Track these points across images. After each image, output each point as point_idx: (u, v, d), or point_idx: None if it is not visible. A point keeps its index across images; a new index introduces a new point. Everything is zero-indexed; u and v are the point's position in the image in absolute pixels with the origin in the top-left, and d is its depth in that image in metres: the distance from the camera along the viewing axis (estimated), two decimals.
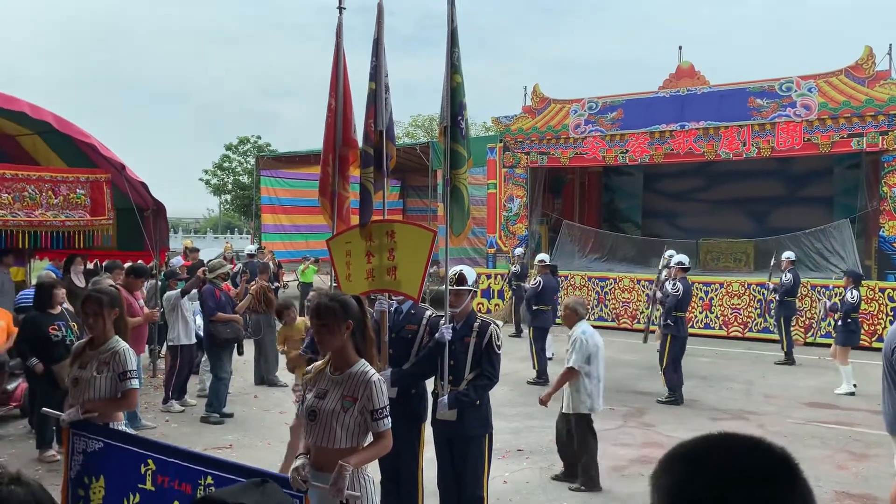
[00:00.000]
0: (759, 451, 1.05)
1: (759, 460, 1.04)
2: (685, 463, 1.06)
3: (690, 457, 1.07)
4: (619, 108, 16.60)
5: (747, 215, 19.72)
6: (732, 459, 1.04)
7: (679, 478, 1.05)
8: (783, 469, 1.04)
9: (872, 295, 13.67)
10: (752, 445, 1.07)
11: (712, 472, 1.03)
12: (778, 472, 1.03)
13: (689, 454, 1.08)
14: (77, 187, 9.34)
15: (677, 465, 1.07)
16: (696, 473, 1.04)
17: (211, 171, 43.94)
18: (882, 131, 13.84)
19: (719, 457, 1.05)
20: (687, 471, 1.05)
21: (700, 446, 1.08)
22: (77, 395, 4.12)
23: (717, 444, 1.08)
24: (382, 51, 5.32)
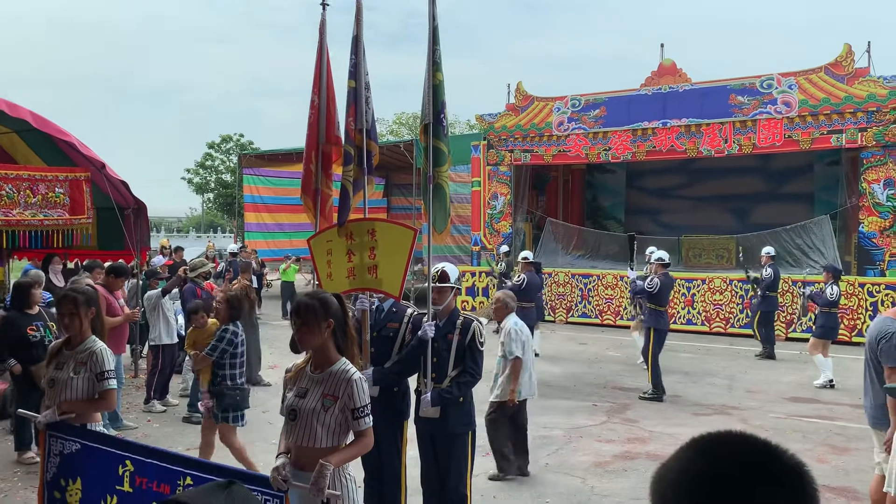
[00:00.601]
0: (776, 453, 1.07)
1: (776, 461, 1.05)
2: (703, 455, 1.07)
3: (707, 450, 1.08)
4: (602, 106, 16.65)
5: (729, 212, 19.88)
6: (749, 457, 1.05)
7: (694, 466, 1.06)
8: (796, 472, 1.05)
9: (852, 290, 13.80)
10: (767, 446, 1.08)
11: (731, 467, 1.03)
12: (792, 474, 1.05)
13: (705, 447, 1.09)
14: (56, 186, 9.23)
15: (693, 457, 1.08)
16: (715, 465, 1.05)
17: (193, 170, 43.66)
18: (861, 128, 13.97)
19: (736, 452, 1.06)
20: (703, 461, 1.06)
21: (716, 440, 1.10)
22: (53, 396, 4.06)
23: (731, 439, 1.10)
24: (362, 48, 5.29)
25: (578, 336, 14.81)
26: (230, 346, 5.98)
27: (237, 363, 6.05)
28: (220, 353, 5.93)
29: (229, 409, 5.92)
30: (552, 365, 11.58)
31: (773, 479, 1.02)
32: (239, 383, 6.02)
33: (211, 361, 5.89)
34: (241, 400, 6.02)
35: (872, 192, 13.98)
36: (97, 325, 4.28)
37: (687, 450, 1.10)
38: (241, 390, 6.04)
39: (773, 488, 1.01)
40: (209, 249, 20.11)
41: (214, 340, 5.98)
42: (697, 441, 1.11)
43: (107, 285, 7.93)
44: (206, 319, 6.87)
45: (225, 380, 5.94)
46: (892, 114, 13.68)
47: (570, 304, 16.86)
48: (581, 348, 13.40)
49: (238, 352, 6.05)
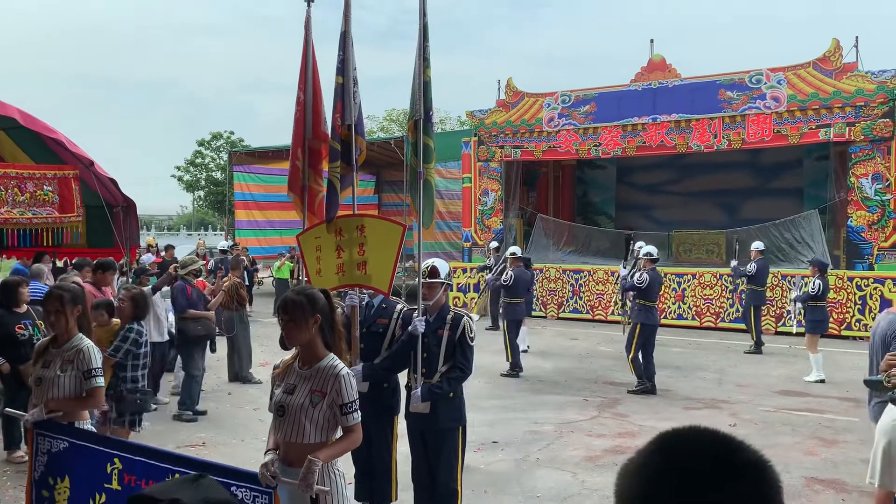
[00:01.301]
0: (740, 448, 1.06)
1: (741, 456, 1.04)
2: (669, 451, 1.07)
3: (673, 446, 1.08)
4: (592, 102, 16.67)
5: (719, 207, 19.95)
6: (716, 452, 1.04)
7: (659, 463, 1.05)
8: (759, 465, 1.04)
9: (841, 284, 13.88)
10: (732, 442, 1.07)
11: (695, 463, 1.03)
12: (755, 468, 1.04)
13: (671, 442, 1.08)
14: (44, 184, 9.18)
15: (659, 453, 1.07)
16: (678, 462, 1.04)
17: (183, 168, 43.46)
18: (849, 122, 14.04)
19: (701, 448, 1.05)
20: (668, 458, 1.05)
21: (683, 436, 1.09)
22: (40, 394, 4.04)
23: (698, 436, 1.09)
24: (350, 44, 5.29)
25: (569, 331, 14.84)
26: (134, 346, 5.65)
27: (140, 364, 5.71)
28: (124, 354, 5.60)
29: (126, 412, 5.58)
30: (543, 360, 11.61)
31: (736, 474, 1.02)
32: (140, 386, 5.68)
33: (113, 363, 5.56)
34: (143, 404, 5.68)
35: (861, 186, 14.05)
36: (84, 323, 4.26)
37: (650, 446, 1.09)
38: (143, 393, 5.71)
39: (735, 483, 1.01)
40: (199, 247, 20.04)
41: (118, 340, 5.64)
42: (660, 437, 1.10)
43: (95, 282, 7.88)
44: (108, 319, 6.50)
45: (126, 382, 5.59)
46: (879, 108, 13.76)
47: (561, 300, 16.90)
48: (572, 343, 13.43)
49: (141, 352, 5.71)
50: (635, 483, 1.06)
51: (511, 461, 6.56)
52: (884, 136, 13.73)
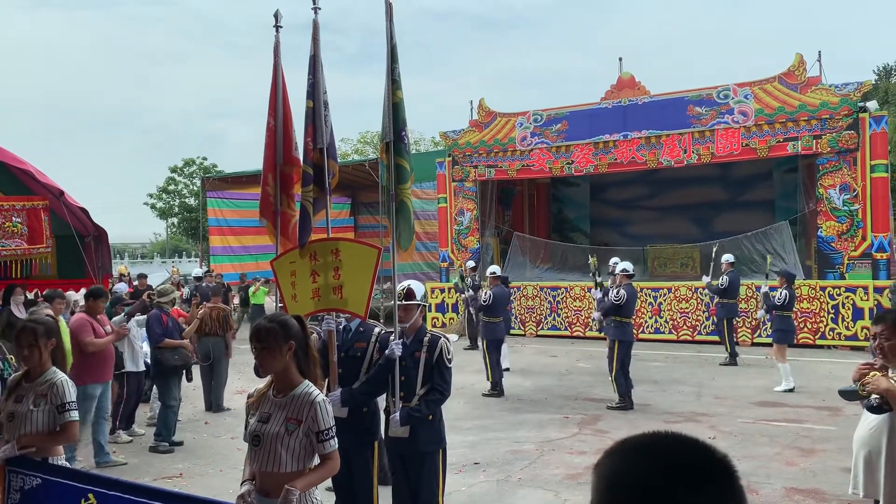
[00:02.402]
0: (705, 452, 1.08)
1: (704, 460, 1.07)
2: (634, 454, 1.09)
3: (638, 449, 1.10)
4: (564, 120, 16.84)
5: (692, 221, 20.18)
6: (678, 456, 1.07)
7: (625, 467, 1.07)
8: (725, 471, 1.07)
9: (814, 294, 14.07)
10: (697, 446, 1.10)
11: (659, 467, 1.05)
12: (721, 473, 1.06)
13: (637, 447, 1.11)
14: (13, 215, 9.04)
15: (624, 456, 1.10)
16: (642, 466, 1.06)
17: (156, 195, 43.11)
18: (815, 135, 14.30)
19: (665, 452, 1.08)
20: (633, 462, 1.07)
21: (647, 441, 1.12)
22: (13, 430, 3.96)
23: (662, 440, 1.11)
24: (320, 68, 5.30)
25: (548, 349, 14.86)
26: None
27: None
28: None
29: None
30: (523, 378, 11.60)
31: (701, 478, 1.04)
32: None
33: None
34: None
35: (829, 197, 14.30)
36: (58, 357, 4.20)
37: (614, 453, 1.12)
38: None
39: (700, 486, 1.03)
40: (174, 274, 19.84)
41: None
42: (623, 444, 1.13)
43: (89, 310, 7.75)
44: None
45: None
46: (844, 120, 14.05)
47: (539, 318, 16.94)
48: (551, 360, 13.45)
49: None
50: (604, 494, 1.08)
51: (492, 482, 6.53)
52: (849, 148, 14.00)
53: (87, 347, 7.43)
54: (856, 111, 13.99)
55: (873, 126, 13.89)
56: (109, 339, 7.53)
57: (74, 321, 7.78)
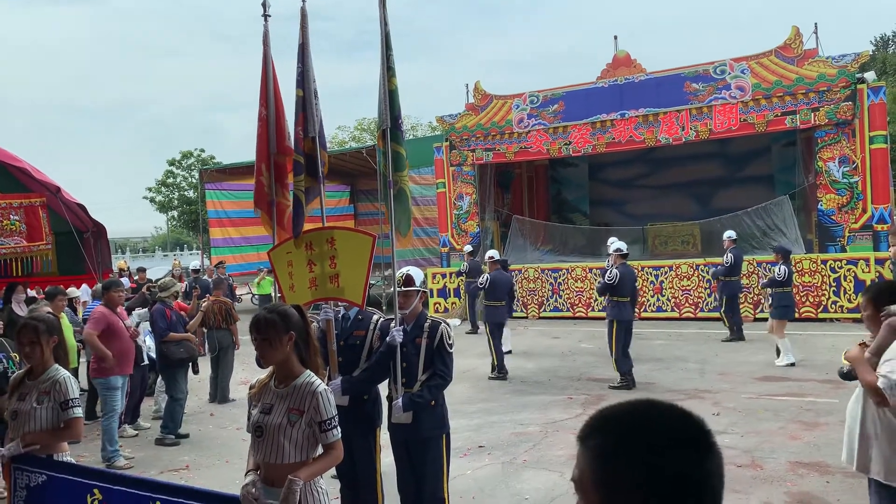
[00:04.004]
0: (686, 418, 1.13)
1: (686, 427, 1.12)
2: (617, 425, 1.13)
3: (621, 420, 1.14)
4: (560, 101, 16.77)
5: (692, 198, 20.14)
6: (662, 423, 1.12)
7: (612, 438, 1.11)
8: (706, 436, 1.12)
9: (815, 267, 14.06)
10: (678, 413, 1.14)
11: (645, 434, 1.10)
12: (702, 439, 1.11)
13: (620, 417, 1.15)
14: (10, 213, 9.05)
15: (610, 427, 1.13)
16: (627, 435, 1.10)
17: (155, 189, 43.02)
18: (813, 108, 14.23)
19: (650, 420, 1.12)
20: (619, 432, 1.11)
21: (629, 410, 1.16)
22: (17, 428, 3.97)
23: (645, 408, 1.16)
24: (309, 56, 5.26)
25: (551, 330, 14.88)
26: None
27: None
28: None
29: None
30: (526, 361, 11.63)
31: (695, 445, 1.09)
32: None
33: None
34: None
35: (828, 170, 14.25)
36: (60, 354, 4.20)
37: (601, 428, 1.15)
38: None
39: (693, 455, 1.08)
40: (175, 267, 19.85)
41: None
42: (607, 417, 1.16)
43: (107, 303, 7.71)
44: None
45: None
46: (842, 92, 13.97)
47: (541, 299, 16.95)
48: (554, 342, 13.47)
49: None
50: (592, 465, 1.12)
51: (498, 465, 6.55)
52: (847, 119, 13.94)
53: (87, 337, 7.41)
54: (854, 83, 13.92)
55: (871, 97, 13.82)
56: (104, 352, 7.39)
57: (91, 313, 7.75)
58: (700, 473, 1.08)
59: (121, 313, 7.83)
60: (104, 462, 7.22)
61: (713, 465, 1.11)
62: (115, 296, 7.84)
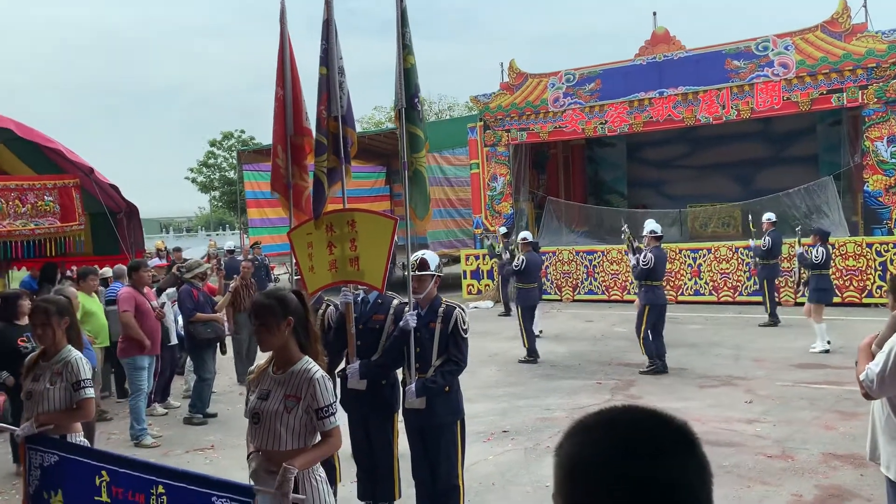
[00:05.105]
0: (661, 423, 1.08)
1: (660, 432, 1.06)
2: (588, 433, 1.08)
3: (592, 428, 1.09)
4: (597, 79, 16.42)
5: (733, 179, 19.65)
6: (634, 430, 1.06)
7: (580, 448, 1.06)
8: (683, 441, 1.06)
9: (860, 251, 13.60)
10: (653, 417, 1.09)
11: (614, 442, 1.04)
12: (678, 444, 1.05)
13: (591, 425, 1.10)
14: (45, 194, 9.18)
15: (580, 436, 1.08)
16: (598, 443, 1.05)
17: (196, 169, 43.63)
18: (861, 86, 13.69)
19: (621, 427, 1.07)
20: (588, 441, 1.07)
21: (603, 418, 1.11)
22: (31, 408, 4.02)
23: (619, 415, 1.10)
24: (334, 33, 5.16)
25: (584, 314, 14.69)
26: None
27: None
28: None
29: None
30: (556, 344, 11.49)
31: (658, 451, 1.03)
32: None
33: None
34: None
35: (876, 149, 13.73)
36: (73, 335, 4.22)
37: (572, 434, 1.10)
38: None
39: (656, 459, 1.02)
40: (211, 248, 20.08)
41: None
42: (580, 423, 1.11)
43: (135, 284, 7.78)
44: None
45: None
46: (892, 69, 13.40)
47: (575, 282, 16.73)
48: (586, 326, 13.29)
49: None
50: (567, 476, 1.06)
51: (521, 450, 6.47)
52: None
53: (122, 318, 7.50)
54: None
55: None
56: (139, 334, 7.45)
57: (119, 294, 7.84)
58: (667, 483, 1.01)
59: (148, 293, 7.90)
60: (132, 440, 7.33)
61: (687, 475, 1.03)
62: (145, 275, 7.92)
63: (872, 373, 3.25)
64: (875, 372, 3.24)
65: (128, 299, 7.53)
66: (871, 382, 3.24)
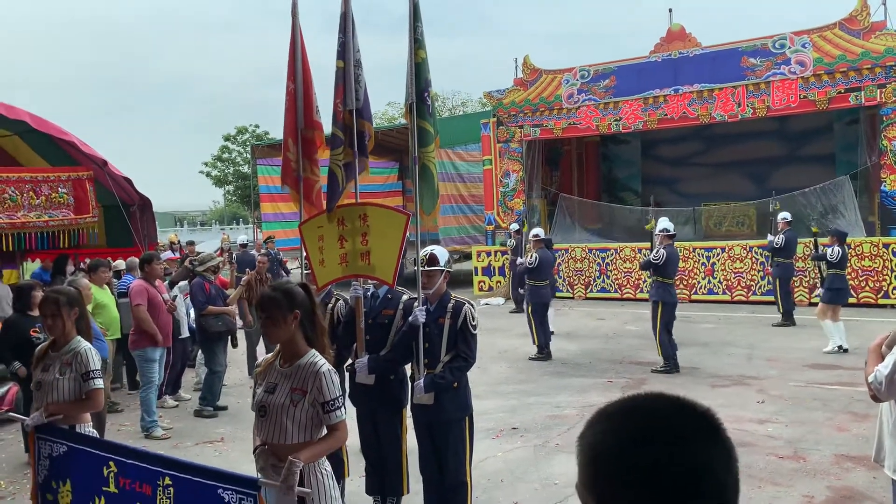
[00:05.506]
0: (682, 409, 1.07)
1: (680, 418, 1.05)
2: (608, 421, 1.07)
3: (613, 416, 1.08)
4: (612, 76, 16.33)
5: (748, 177, 19.49)
6: (654, 417, 1.05)
7: (601, 436, 1.06)
8: (705, 427, 1.05)
9: (876, 251, 13.46)
10: (674, 404, 1.08)
11: (633, 429, 1.04)
12: (699, 430, 1.04)
13: (612, 413, 1.08)
14: (59, 186, 9.25)
15: (601, 425, 1.07)
16: (618, 431, 1.05)
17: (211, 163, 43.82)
18: (879, 84, 13.53)
19: (641, 415, 1.06)
20: (609, 429, 1.06)
21: (624, 405, 1.10)
22: (41, 398, 4.04)
23: (640, 403, 1.09)
24: (351, 26, 5.13)
25: (597, 311, 14.63)
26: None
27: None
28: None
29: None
30: (568, 342, 11.44)
31: (681, 438, 1.02)
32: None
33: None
34: None
35: (894, 149, 13.57)
36: (82, 326, 4.23)
37: (595, 423, 1.09)
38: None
39: (681, 446, 1.01)
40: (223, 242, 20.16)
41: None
42: (603, 412, 1.10)
43: (146, 277, 7.82)
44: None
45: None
46: None
47: (588, 280, 16.66)
48: (598, 324, 13.23)
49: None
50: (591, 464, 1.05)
51: (530, 447, 6.44)
52: None
53: (136, 312, 7.54)
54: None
55: None
56: (153, 328, 7.49)
57: (131, 287, 7.88)
58: (691, 470, 1.00)
59: (159, 286, 7.92)
60: (143, 432, 7.37)
61: (712, 462, 1.02)
62: (157, 268, 7.95)
63: (881, 374, 3.21)
64: (884, 374, 3.19)
65: (140, 293, 7.57)
66: (880, 384, 3.20)
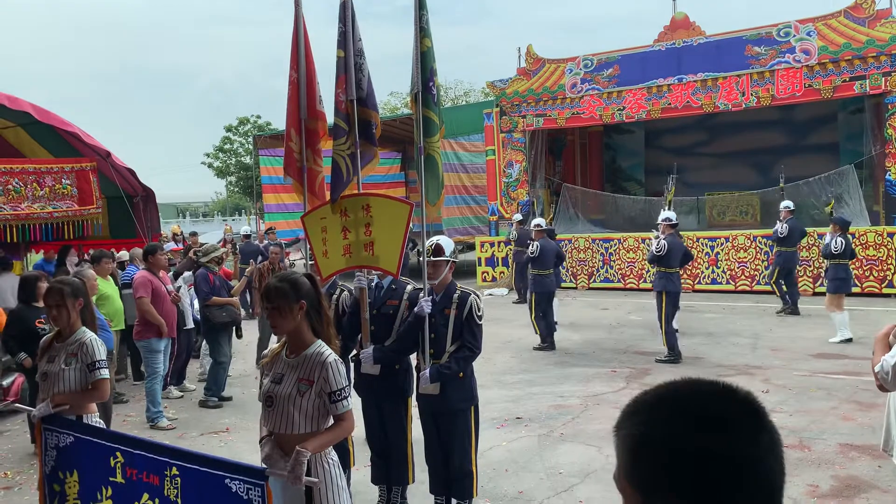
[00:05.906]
0: (723, 394, 1.05)
1: (723, 403, 1.03)
2: (648, 410, 1.05)
3: (652, 404, 1.06)
4: (615, 65, 16.26)
5: (752, 167, 19.42)
6: (695, 403, 1.03)
7: (642, 426, 1.04)
8: (749, 412, 1.03)
9: (881, 240, 13.42)
10: (715, 389, 1.06)
11: (676, 417, 1.02)
12: (743, 415, 1.02)
13: (651, 402, 1.07)
14: (62, 177, 9.24)
15: (640, 415, 1.05)
16: (659, 420, 1.03)
17: (213, 154, 43.77)
18: (885, 72, 13.46)
19: (681, 402, 1.05)
20: (650, 419, 1.04)
21: (663, 392, 1.08)
22: (47, 389, 4.04)
23: (679, 389, 1.08)
24: (351, 15, 5.09)
25: (600, 301, 14.63)
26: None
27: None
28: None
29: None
30: (572, 332, 11.44)
31: (725, 424, 1.00)
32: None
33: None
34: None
35: None
36: (87, 316, 4.23)
37: (633, 413, 1.07)
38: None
39: (726, 432, 0.99)
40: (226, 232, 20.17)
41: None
42: (641, 401, 1.08)
43: (150, 268, 7.83)
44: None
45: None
46: None
47: (591, 270, 16.64)
48: (602, 314, 13.23)
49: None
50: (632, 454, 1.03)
51: (534, 437, 6.45)
52: None
53: (139, 304, 7.55)
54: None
55: None
56: (158, 319, 7.51)
57: (135, 278, 7.88)
58: (738, 457, 0.97)
59: (163, 277, 7.93)
60: (148, 423, 7.39)
61: (759, 448, 1.00)
62: (160, 259, 7.95)
63: (888, 364, 3.20)
64: (891, 364, 3.19)
65: (144, 284, 7.57)
66: (887, 374, 3.20)
